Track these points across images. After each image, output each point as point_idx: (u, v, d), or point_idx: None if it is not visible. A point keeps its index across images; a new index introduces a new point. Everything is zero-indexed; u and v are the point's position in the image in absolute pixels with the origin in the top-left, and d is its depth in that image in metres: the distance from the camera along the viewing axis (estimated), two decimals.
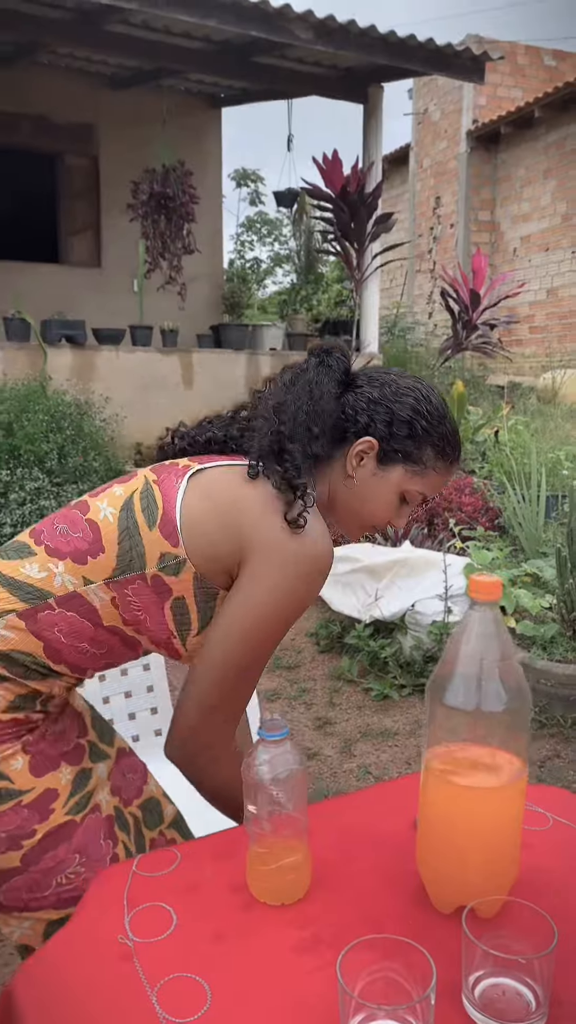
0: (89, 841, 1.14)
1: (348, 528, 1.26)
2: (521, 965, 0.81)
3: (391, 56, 6.42)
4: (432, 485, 1.21)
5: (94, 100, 8.22)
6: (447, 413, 1.22)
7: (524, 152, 12.38)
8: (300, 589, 1.10)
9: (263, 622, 1.10)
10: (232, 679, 1.11)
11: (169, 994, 0.82)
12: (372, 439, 1.17)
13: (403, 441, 1.17)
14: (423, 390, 1.20)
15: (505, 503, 4.03)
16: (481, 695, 0.90)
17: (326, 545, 1.13)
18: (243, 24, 5.78)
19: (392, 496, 1.20)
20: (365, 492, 1.20)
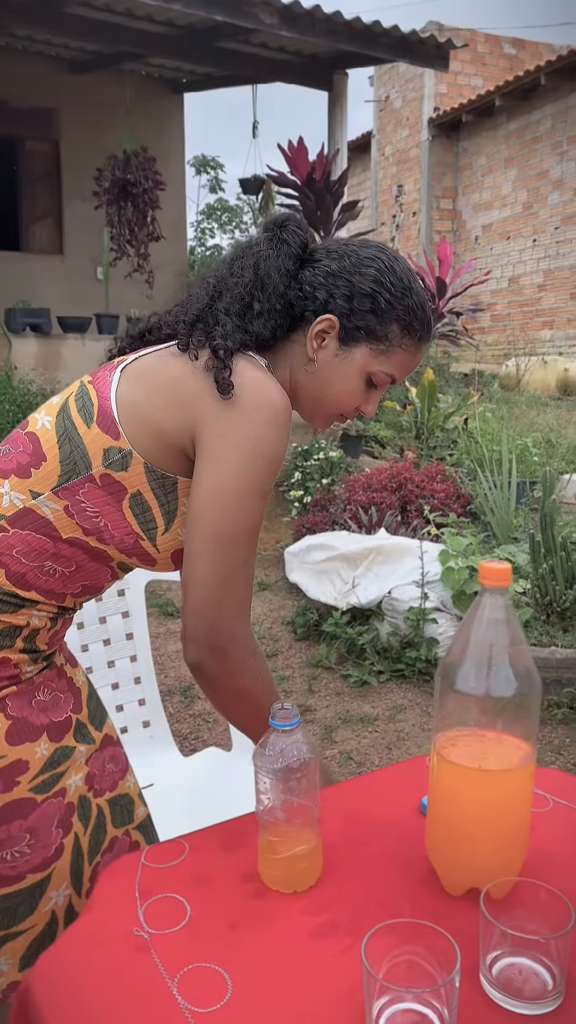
0: (42, 825, 1.09)
1: (313, 417, 1.17)
2: (537, 945, 0.82)
3: (356, 43, 6.40)
4: (400, 365, 1.12)
5: (54, 84, 8.09)
6: (414, 285, 1.11)
7: (485, 140, 12.44)
8: (267, 439, 1.02)
9: (241, 484, 1.02)
10: (230, 552, 1.02)
11: (189, 985, 0.82)
12: (332, 316, 1.09)
13: (365, 317, 1.08)
14: (386, 259, 1.10)
15: (476, 490, 4.07)
16: (491, 680, 0.91)
17: (277, 392, 1.04)
18: (208, 8, 5.72)
19: (357, 379, 1.11)
20: (328, 376, 1.11)
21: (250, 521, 1.03)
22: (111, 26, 6.42)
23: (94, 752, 1.22)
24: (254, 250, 1.12)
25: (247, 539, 1.03)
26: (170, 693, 3.06)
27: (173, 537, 1.09)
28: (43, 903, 1.09)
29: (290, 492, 4.76)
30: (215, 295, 1.11)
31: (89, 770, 1.20)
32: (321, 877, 0.98)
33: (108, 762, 1.24)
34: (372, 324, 1.09)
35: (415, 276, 1.12)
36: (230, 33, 6.42)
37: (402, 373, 1.14)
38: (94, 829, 1.18)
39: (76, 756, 1.17)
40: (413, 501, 3.97)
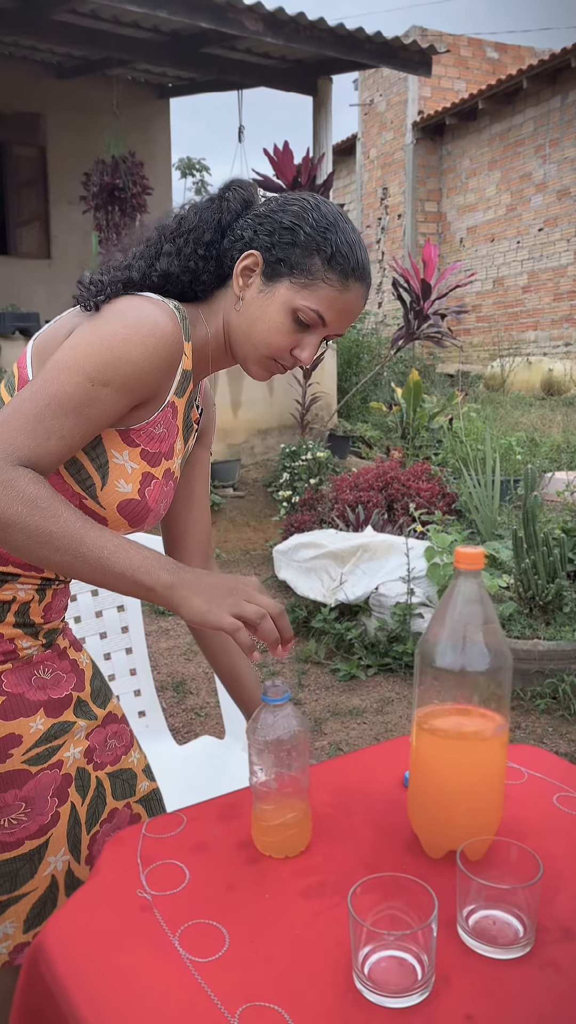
0: (38, 795, 1.15)
1: (247, 361, 1.14)
2: (508, 896, 0.89)
3: (340, 49, 6.48)
4: (327, 302, 1.08)
5: (40, 89, 8.14)
6: (341, 224, 1.09)
7: (469, 143, 12.57)
8: (120, 335, 1.00)
9: (68, 357, 0.99)
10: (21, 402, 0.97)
11: (190, 939, 0.89)
12: (255, 252, 1.09)
13: (286, 249, 1.07)
14: (312, 200, 1.10)
15: (461, 488, 4.15)
16: (466, 656, 0.98)
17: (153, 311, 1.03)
18: (193, 15, 5.79)
19: (282, 314, 1.08)
20: (254, 313, 1.10)
21: (60, 388, 0.98)
22: (97, 32, 6.47)
23: (95, 727, 1.27)
24: (185, 210, 1.14)
25: (49, 401, 0.97)
26: (163, 689, 3.13)
27: (112, 490, 1.09)
28: (43, 868, 1.16)
29: (279, 492, 4.83)
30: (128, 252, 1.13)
31: (89, 744, 1.25)
32: (311, 843, 1.05)
33: (111, 737, 1.30)
34: (293, 256, 1.07)
35: (346, 219, 1.11)
36: (215, 39, 6.50)
37: (333, 312, 1.09)
38: (93, 799, 1.24)
39: (75, 730, 1.22)
40: (399, 500, 4.05)
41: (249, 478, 6.21)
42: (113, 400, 1.01)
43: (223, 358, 1.18)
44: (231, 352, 1.16)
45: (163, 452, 1.13)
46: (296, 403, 6.83)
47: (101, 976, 0.85)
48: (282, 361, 1.13)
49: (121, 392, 1.01)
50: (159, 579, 0.96)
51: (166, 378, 1.07)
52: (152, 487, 1.12)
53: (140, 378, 1.02)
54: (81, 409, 0.99)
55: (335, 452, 6.34)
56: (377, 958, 0.84)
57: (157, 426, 1.10)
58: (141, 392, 1.05)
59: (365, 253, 1.11)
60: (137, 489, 1.10)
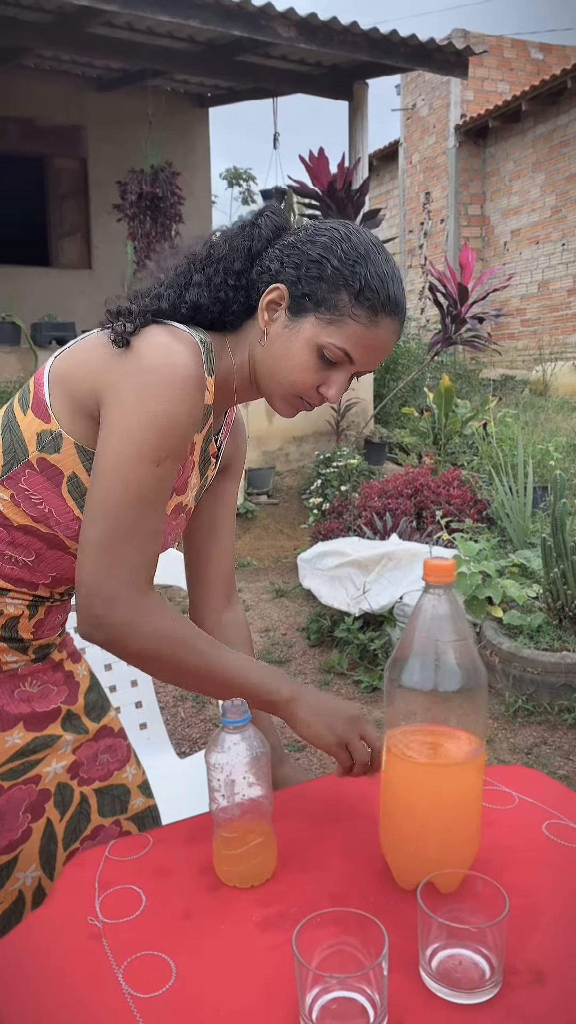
0: (8, 811, 1.12)
1: (272, 397, 1.10)
2: (476, 936, 0.83)
3: (374, 52, 6.44)
4: (354, 338, 1.03)
5: (81, 102, 8.24)
6: (372, 255, 1.03)
7: (512, 146, 12.40)
8: (162, 400, 0.98)
9: (130, 448, 0.97)
10: (116, 518, 0.97)
11: (135, 972, 0.85)
12: (280, 285, 1.04)
13: (313, 284, 1.02)
14: (343, 230, 1.04)
15: (493, 495, 4.05)
16: (437, 675, 0.92)
17: (182, 356, 1.00)
18: (225, 23, 5.80)
19: (307, 351, 1.04)
20: (278, 349, 1.05)
21: (138, 485, 0.97)
22: (133, 44, 6.53)
23: (85, 741, 1.24)
24: (217, 238, 1.11)
25: (137, 505, 0.97)
26: (183, 699, 3.10)
27: None
28: (10, 883, 1.13)
29: (310, 499, 4.78)
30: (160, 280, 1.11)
31: (76, 758, 1.22)
32: (278, 870, 1.00)
33: (103, 752, 1.26)
34: (320, 291, 1.02)
35: (380, 250, 1.05)
36: (249, 47, 6.50)
37: (360, 350, 1.04)
38: (74, 816, 1.21)
39: (60, 745, 1.19)
40: (428, 507, 3.97)
41: (284, 485, 6.18)
42: (176, 467, 1.02)
43: (248, 391, 1.14)
44: (256, 386, 1.12)
45: (175, 487, 1.10)
46: (332, 409, 6.77)
47: (39, 1009, 0.81)
48: (308, 399, 1.08)
49: (178, 457, 1.02)
50: (280, 695, 1.06)
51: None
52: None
53: (187, 436, 1.02)
54: (160, 496, 1.00)
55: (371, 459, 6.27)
56: (328, 999, 0.79)
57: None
58: (187, 444, 1.04)
59: (398, 286, 1.05)
60: None
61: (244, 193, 17.25)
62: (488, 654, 3.13)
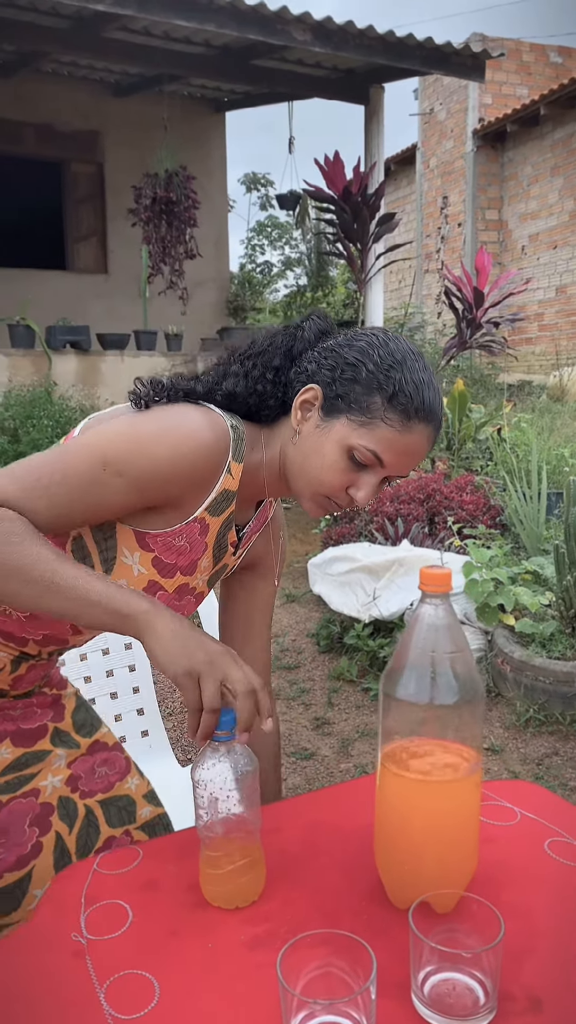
0: (11, 824, 1.11)
1: (301, 496, 1.10)
2: (470, 960, 0.80)
3: (390, 56, 6.41)
4: (385, 442, 1.02)
5: (98, 107, 8.28)
6: (409, 362, 1.03)
7: (530, 150, 12.33)
8: (153, 434, 0.99)
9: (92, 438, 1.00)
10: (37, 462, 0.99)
11: (118, 991, 0.82)
12: (314, 386, 1.05)
13: (347, 386, 1.03)
14: (381, 336, 1.06)
15: (507, 501, 4.01)
16: (433, 688, 0.89)
17: (198, 422, 1.01)
18: (241, 28, 5.80)
19: (337, 452, 1.03)
20: (309, 448, 1.05)
21: (71, 459, 0.98)
22: (150, 49, 6.54)
23: (79, 756, 1.23)
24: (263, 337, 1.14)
25: (56, 469, 0.98)
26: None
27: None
28: (27, 900, 1.12)
29: None
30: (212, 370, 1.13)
31: (72, 772, 1.21)
32: (269, 887, 0.97)
33: (100, 765, 1.25)
34: (353, 393, 1.02)
35: (417, 358, 1.05)
36: (265, 51, 6.50)
37: (392, 454, 1.03)
38: (83, 828, 1.20)
39: (52, 759, 1.19)
40: (441, 512, 3.93)
41: None
42: (122, 492, 0.99)
43: (279, 486, 1.13)
44: (286, 483, 1.11)
45: (180, 566, 1.09)
46: None
47: None
48: (336, 500, 1.07)
49: (132, 487, 0.99)
50: (138, 606, 0.93)
51: (193, 490, 1.04)
52: (157, 598, 1.08)
53: (156, 479, 0.99)
54: (85, 487, 0.98)
55: None
56: (315, 1023, 0.76)
57: (178, 538, 1.06)
58: (154, 494, 1.01)
59: (435, 393, 1.05)
60: (142, 583, 1.07)
61: (262, 198, 17.26)
62: (499, 662, 3.09)
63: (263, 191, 17.42)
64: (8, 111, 7.76)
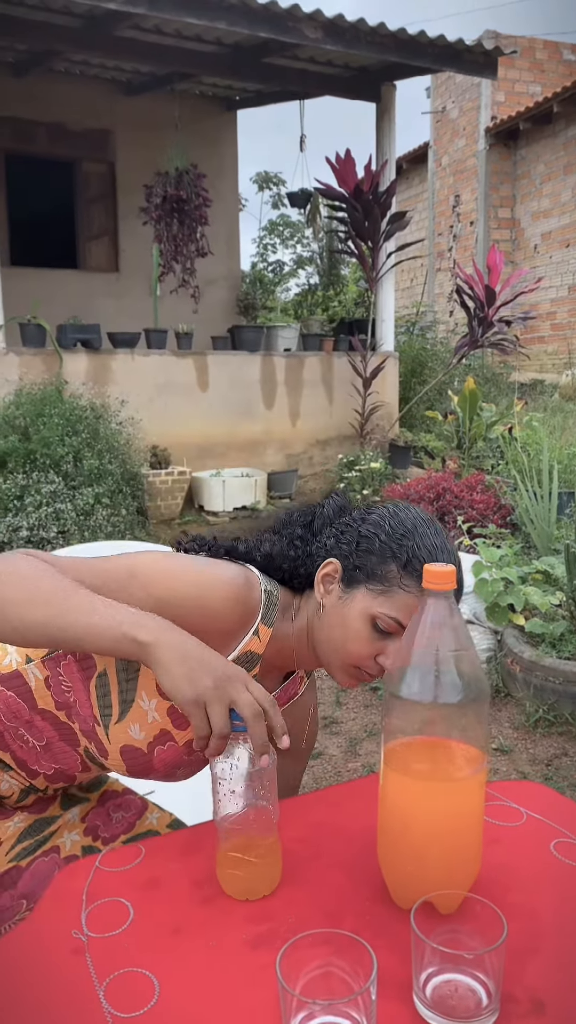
0: (37, 885, 1.12)
1: (331, 667, 1.12)
2: (473, 961, 0.79)
3: (402, 53, 6.38)
4: (405, 608, 1.03)
5: (110, 106, 8.28)
6: (420, 529, 1.07)
7: (543, 148, 12.27)
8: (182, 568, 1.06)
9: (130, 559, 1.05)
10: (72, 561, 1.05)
11: (117, 989, 0.82)
12: (334, 560, 1.10)
13: (363, 557, 1.07)
14: (392, 508, 1.11)
15: (517, 500, 3.99)
16: (437, 687, 0.88)
17: (234, 573, 1.08)
18: (252, 25, 5.79)
19: (359, 622, 1.05)
20: (333, 620, 1.08)
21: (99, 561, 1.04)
22: (162, 47, 6.53)
23: (91, 808, 1.26)
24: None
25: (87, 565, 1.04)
26: None
27: (124, 730, 1.07)
28: None
29: None
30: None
31: (87, 824, 1.24)
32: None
33: (115, 811, 1.28)
34: (369, 564, 1.06)
35: (429, 525, 1.08)
36: (276, 49, 6.48)
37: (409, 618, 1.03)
38: None
39: (66, 819, 1.21)
40: (451, 512, 3.92)
41: (307, 488, 6.14)
42: (139, 601, 1.01)
43: (307, 657, 1.15)
44: (315, 655, 1.13)
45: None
46: (356, 413, 6.73)
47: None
48: (366, 669, 1.09)
49: (150, 602, 1.01)
50: (140, 633, 0.92)
51: (215, 639, 1.04)
52: (166, 748, 1.09)
53: (177, 607, 1.01)
54: (108, 581, 1.02)
55: (395, 463, 6.22)
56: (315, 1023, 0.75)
57: None
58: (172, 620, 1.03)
59: (449, 556, 1.07)
60: (148, 742, 1.08)
61: (274, 197, 17.26)
62: (509, 662, 3.07)
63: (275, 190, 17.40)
64: (20, 110, 7.77)
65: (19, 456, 5.02)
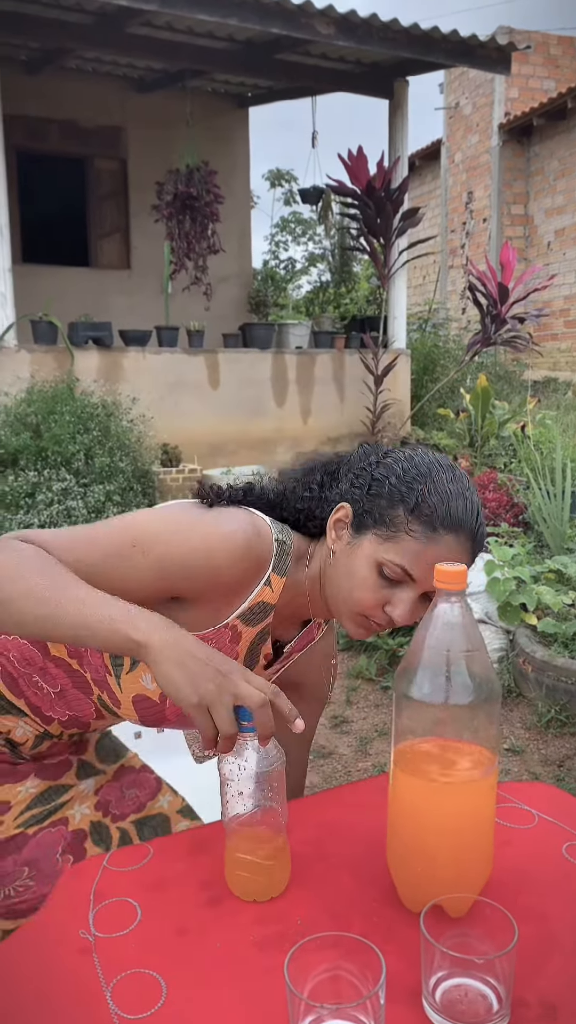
0: (41, 856, 1.12)
1: (340, 617, 1.09)
2: (483, 965, 0.78)
3: (415, 49, 6.36)
4: (411, 555, 0.99)
5: (121, 103, 8.28)
6: (435, 474, 1.01)
7: (557, 144, 12.20)
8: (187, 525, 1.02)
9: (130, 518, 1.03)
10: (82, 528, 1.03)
11: (124, 990, 0.81)
12: (345, 504, 1.06)
13: (372, 501, 1.02)
14: (408, 452, 1.06)
15: (530, 499, 3.97)
16: (448, 687, 0.87)
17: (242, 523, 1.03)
18: (265, 22, 5.78)
19: (367, 569, 1.01)
20: (342, 566, 1.05)
21: (106, 531, 1.01)
22: (174, 44, 6.53)
23: (106, 782, 1.25)
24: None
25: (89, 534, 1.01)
26: None
27: (135, 680, 1.06)
28: None
29: None
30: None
31: (100, 799, 1.23)
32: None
33: (128, 788, 1.27)
34: (378, 508, 1.01)
35: (446, 470, 1.03)
36: (289, 45, 6.46)
37: (420, 568, 0.99)
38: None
39: (79, 789, 1.20)
40: None
41: None
42: (143, 570, 0.99)
43: (321, 606, 1.12)
44: (327, 604, 1.10)
45: None
46: (367, 410, 6.72)
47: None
48: (374, 618, 1.05)
49: (154, 568, 0.99)
50: (136, 632, 0.88)
51: (224, 593, 1.03)
52: (170, 707, 1.08)
53: (178, 567, 0.99)
54: (109, 555, 0.99)
55: None
56: None
57: (207, 641, 1.04)
58: (177, 584, 1.01)
59: (465, 503, 1.01)
60: (160, 692, 1.07)
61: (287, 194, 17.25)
62: (521, 662, 3.06)
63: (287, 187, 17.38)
64: (32, 108, 7.78)
65: (30, 453, 5.03)
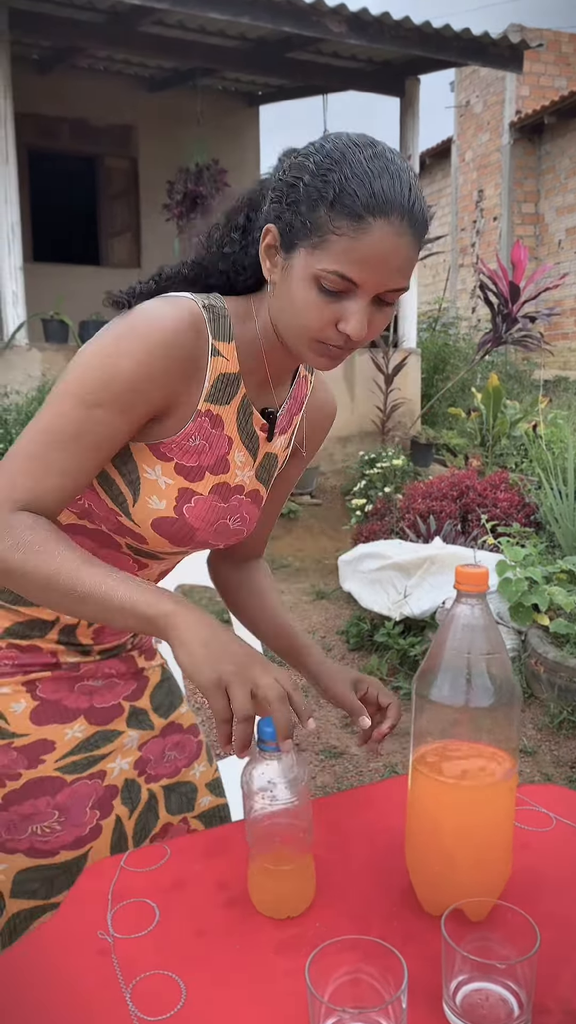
0: (73, 804, 1.10)
1: (299, 352, 0.99)
2: (504, 970, 0.78)
3: (426, 47, 6.34)
4: (343, 256, 0.88)
5: (133, 102, 8.29)
6: (353, 156, 0.88)
7: (568, 142, 12.15)
8: (109, 348, 0.95)
9: (61, 385, 0.96)
10: (26, 439, 0.96)
11: (144, 991, 0.81)
12: (270, 226, 0.94)
13: (294, 211, 0.90)
14: (318, 142, 0.92)
15: (542, 499, 3.95)
16: (468, 690, 0.87)
17: (159, 313, 0.95)
18: (276, 20, 5.77)
19: (304, 287, 0.91)
20: (283, 293, 0.95)
21: (58, 420, 0.94)
22: (185, 43, 6.54)
23: (152, 738, 1.21)
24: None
25: (47, 435, 0.95)
26: None
27: (143, 507, 1.03)
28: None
29: (353, 500, 4.73)
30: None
31: (142, 755, 1.19)
32: None
33: (170, 749, 1.23)
34: (299, 216, 0.89)
35: (364, 148, 0.89)
36: (300, 44, 6.46)
37: (357, 267, 0.88)
38: (143, 813, 1.18)
39: (123, 740, 1.17)
40: (474, 510, 3.89)
41: (328, 485, 6.13)
42: (112, 421, 0.95)
43: (281, 355, 1.04)
44: (280, 341, 1.01)
45: (207, 466, 1.04)
46: (377, 409, 6.71)
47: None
48: (330, 341, 0.94)
49: (117, 411, 0.94)
50: (159, 608, 0.90)
51: (180, 385, 0.98)
52: (193, 504, 1.04)
53: (136, 391, 0.94)
54: (79, 438, 0.94)
55: (417, 460, 6.18)
56: None
57: (191, 438, 1.01)
58: (144, 406, 0.97)
59: (391, 180, 0.87)
60: (173, 506, 1.03)
61: None
62: (533, 663, 3.05)
63: None
64: (43, 107, 7.80)
65: None
